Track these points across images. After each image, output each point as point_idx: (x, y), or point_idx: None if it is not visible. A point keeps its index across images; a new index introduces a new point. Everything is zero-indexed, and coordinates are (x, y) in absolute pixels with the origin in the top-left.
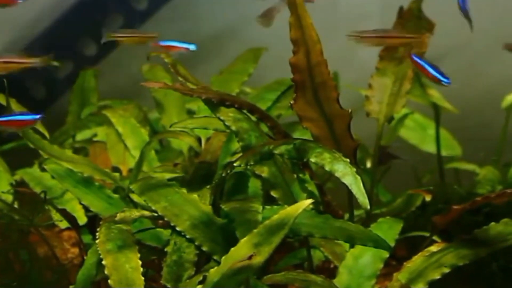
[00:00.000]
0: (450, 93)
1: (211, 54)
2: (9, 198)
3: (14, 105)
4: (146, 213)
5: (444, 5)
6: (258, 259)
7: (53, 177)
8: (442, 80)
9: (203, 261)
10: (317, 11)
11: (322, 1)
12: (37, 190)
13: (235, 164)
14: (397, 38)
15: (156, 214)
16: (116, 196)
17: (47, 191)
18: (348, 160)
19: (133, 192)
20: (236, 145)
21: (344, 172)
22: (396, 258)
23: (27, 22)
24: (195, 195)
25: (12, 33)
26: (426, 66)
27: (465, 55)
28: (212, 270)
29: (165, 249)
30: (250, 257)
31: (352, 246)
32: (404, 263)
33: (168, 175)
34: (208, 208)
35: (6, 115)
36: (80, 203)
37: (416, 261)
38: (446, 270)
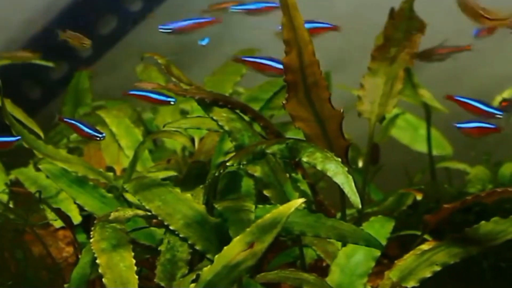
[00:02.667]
0: (441, 93)
1: (204, 55)
2: (4, 197)
3: (9, 106)
4: (140, 212)
5: (434, 5)
6: (251, 258)
7: (47, 177)
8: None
9: (197, 259)
10: (310, 12)
11: (315, 2)
12: (32, 189)
13: (228, 164)
14: None
15: (150, 213)
16: (110, 195)
17: (42, 190)
18: (339, 159)
19: (127, 191)
20: (229, 145)
21: (336, 171)
22: (388, 256)
23: (21, 24)
24: (188, 195)
25: (5, 35)
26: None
27: (459, 55)
28: (205, 268)
29: (159, 248)
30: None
31: (344, 245)
32: (396, 262)
33: (161, 175)
34: (201, 207)
35: None
36: (75, 203)
37: (408, 259)
38: (437, 268)
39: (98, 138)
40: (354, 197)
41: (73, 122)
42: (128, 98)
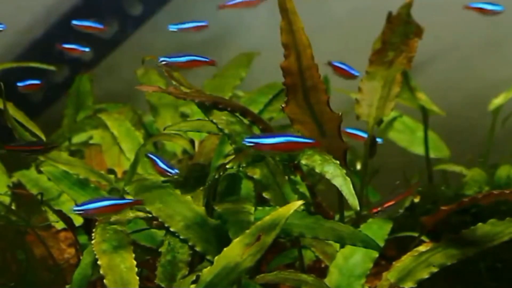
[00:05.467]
0: (438, 96)
1: None
2: (6, 199)
3: (11, 109)
4: (141, 214)
5: (432, 9)
6: (250, 259)
7: (49, 179)
8: None
9: (197, 261)
10: (308, 16)
11: (313, 6)
12: (34, 191)
13: (227, 166)
14: None
15: (150, 215)
16: None
17: (43, 192)
18: (338, 162)
19: (128, 193)
20: (228, 148)
21: (334, 173)
22: (386, 257)
23: (23, 28)
24: (188, 197)
25: (8, 39)
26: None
27: (453, 60)
28: (205, 269)
29: (159, 249)
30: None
31: (342, 246)
32: (394, 263)
33: (162, 177)
34: (201, 209)
35: None
36: None
37: (405, 260)
38: (435, 270)
39: (170, 174)
40: (352, 199)
41: (152, 157)
42: (129, 101)
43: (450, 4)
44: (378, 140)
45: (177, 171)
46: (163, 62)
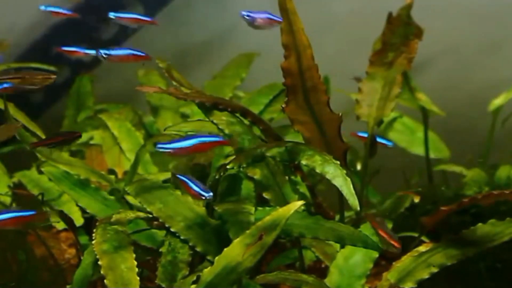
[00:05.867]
0: (438, 97)
1: (204, 59)
2: (7, 200)
3: (12, 110)
4: (141, 214)
5: (432, 10)
6: (251, 259)
7: (50, 180)
8: None
9: (197, 261)
10: (308, 16)
11: (313, 7)
12: (35, 192)
13: (228, 167)
14: None
15: (151, 216)
16: (111, 197)
17: (44, 193)
18: (338, 162)
19: (128, 194)
20: (229, 148)
21: (335, 174)
22: (386, 258)
23: (24, 29)
24: (189, 197)
25: (9, 40)
26: None
27: (453, 60)
28: (205, 270)
29: (160, 250)
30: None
31: (342, 247)
32: (394, 263)
33: (162, 177)
34: (201, 209)
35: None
36: (77, 205)
37: (405, 260)
38: (435, 270)
39: (203, 198)
40: (352, 199)
41: (183, 179)
42: (129, 101)
43: (450, 5)
44: (389, 143)
45: (211, 194)
46: (104, 55)
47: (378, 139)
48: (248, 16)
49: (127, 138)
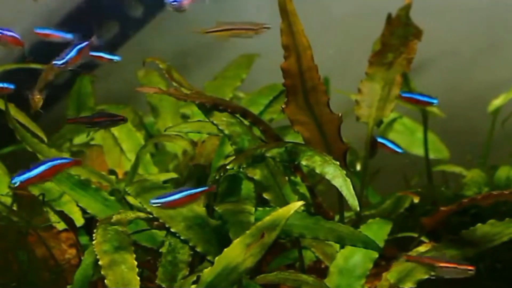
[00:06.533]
0: (438, 97)
1: (204, 60)
2: (8, 200)
3: (13, 110)
4: (142, 214)
5: (431, 11)
6: (251, 259)
7: (51, 180)
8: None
9: (197, 261)
10: (308, 17)
11: (313, 8)
12: (36, 192)
13: (228, 167)
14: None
15: (151, 216)
16: (112, 198)
17: (45, 193)
18: (338, 162)
19: (129, 194)
20: (229, 149)
21: (334, 174)
22: (386, 258)
23: (24, 30)
24: None
25: None
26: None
27: (452, 61)
28: (206, 270)
29: (160, 250)
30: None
31: (342, 247)
32: (393, 263)
33: (163, 178)
34: (202, 209)
35: None
36: (77, 205)
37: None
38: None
39: None
40: (352, 199)
41: None
42: (130, 102)
43: (450, 6)
44: (399, 150)
45: None
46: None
47: (389, 145)
48: (174, 2)
49: (128, 139)
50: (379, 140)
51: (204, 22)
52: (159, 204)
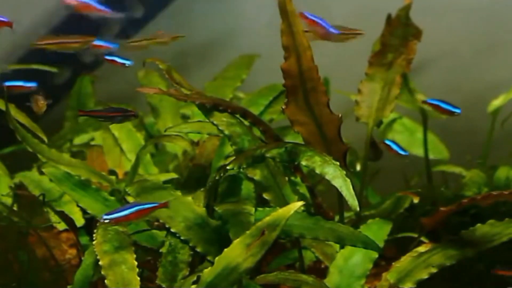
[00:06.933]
0: (437, 98)
1: (205, 60)
2: (8, 200)
3: (13, 111)
4: None
5: (431, 12)
6: (251, 259)
7: (51, 180)
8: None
9: (197, 261)
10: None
11: (313, 8)
12: (36, 193)
13: (228, 167)
14: None
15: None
16: (112, 198)
17: (45, 193)
18: (338, 163)
19: (129, 194)
20: (229, 149)
21: (334, 175)
22: (385, 258)
23: (25, 31)
24: (189, 198)
25: (9, 42)
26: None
27: (452, 61)
28: (206, 270)
29: (160, 250)
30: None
31: (342, 247)
32: (393, 263)
33: (163, 178)
34: (202, 210)
35: None
36: (78, 205)
37: (405, 261)
38: (434, 270)
39: None
40: (352, 200)
41: None
42: (130, 102)
43: (449, 6)
44: (403, 152)
45: None
46: None
47: (394, 146)
48: None
49: (128, 139)
50: (386, 142)
51: (204, 22)
52: (108, 220)
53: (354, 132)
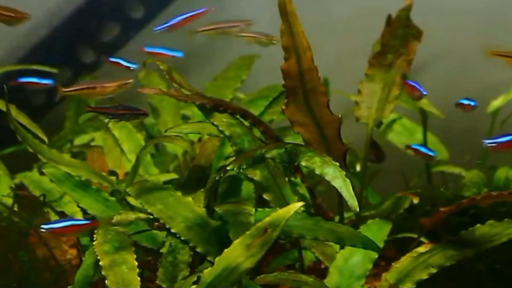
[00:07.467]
0: (437, 98)
1: (205, 61)
2: (9, 201)
3: (14, 111)
4: (142, 215)
5: (431, 13)
6: (251, 260)
7: (51, 181)
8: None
9: (198, 262)
10: (308, 18)
11: (313, 9)
12: (36, 193)
13: (228, 168)
14: None
15: (151, 217)
16: (112, 199)
17: (46, 194)
18: (338, 163)
19: (129, 195)
20: (229, 149)
21: (334, 175)
22: (385, 258)
23: (25, 32)
24: (189, 198)
25: (10, 42)
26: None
27: (451, 62)
28: (206, 270)
29: (161, 250)
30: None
31: (342, 247)
32: (393, 264)
33: (163, 178)
34: (202, 210)
35: None
36: (78, 206)
37: (404, 261)
38: (434, 270)
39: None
40: (352, 200)
41: None
42: (130, 103)
43: (449, 7)
44: (433, 154)
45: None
46: None
47: (422, 149)
48: None
49: (128, 140)
50: (414, 147)
51: (205, 23)
52: (44, 230)
53: (354, 133)
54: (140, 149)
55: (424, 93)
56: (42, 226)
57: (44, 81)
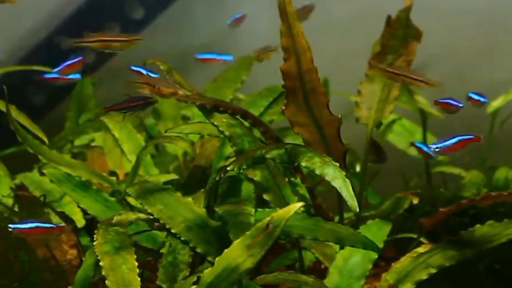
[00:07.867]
0: (437, 99)
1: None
2: (9, 201)
3: (14, 112)
4: (142, 215)
5: (431, 14)
6: (251, 260)
7: (52, 181)
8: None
9: (198, 262)
10: (308, 19)
11: (314, 9)
12: (37, 193)
13: (228, 168)
14: None
15: (151, 217)
16: (113, 199)
17: (46, 194)
18: (337, 164)
19: (129, 195)
20: (229, 150)
21: (334, 175)
22: (385, 259)
23: (26, 32)
24: (189, 198)
25: (11, 43)
26: None
27: (452, 62)
28: (206, 271)
29: (161, 251)
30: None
31: (342, 248)
32: (393, 264)
33: (163, 179)
34: (202, 210)
35: None
36: (78, 206)
37: (404, 261)
38: (433, 271)
39: None
40: (351, 201)
41: None
42: None
43: (449, 7)
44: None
45: None
46: None
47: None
48: None
49: (128, 140)
50: (417, 144)
51: (205, 23)
52: (11, 229)
53: (354, 133)
54: (140, 149)
55: (461, 105)
56: (9, 225)
57: (71, 76)
